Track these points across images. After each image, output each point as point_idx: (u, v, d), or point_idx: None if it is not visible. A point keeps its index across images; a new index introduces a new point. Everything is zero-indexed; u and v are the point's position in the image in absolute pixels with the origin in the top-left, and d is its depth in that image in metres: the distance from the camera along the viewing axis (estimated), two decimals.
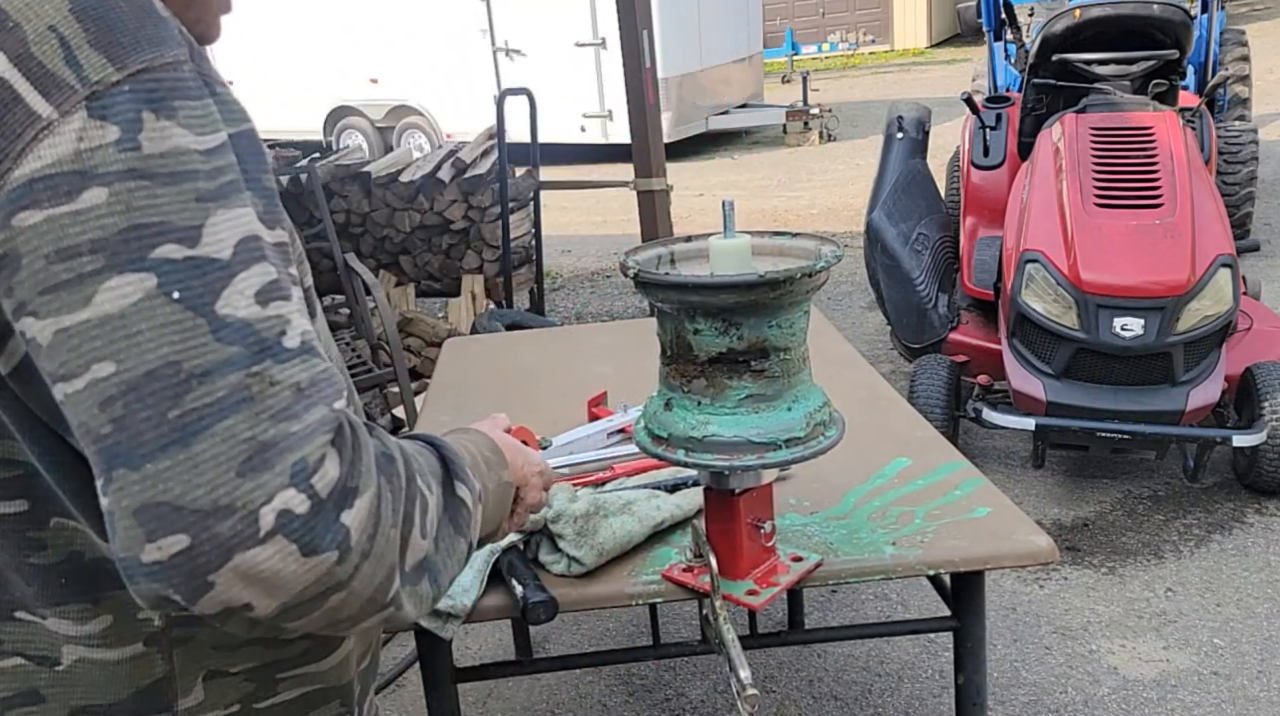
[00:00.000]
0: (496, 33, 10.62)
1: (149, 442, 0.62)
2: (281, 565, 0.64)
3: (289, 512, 0.63)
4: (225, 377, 0.63)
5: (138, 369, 0.62)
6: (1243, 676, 2.59)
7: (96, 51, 0.64)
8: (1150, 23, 3.83)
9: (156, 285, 0.62)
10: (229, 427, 0.63)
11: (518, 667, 1.74)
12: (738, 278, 1.20)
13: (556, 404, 2.14)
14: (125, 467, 0.62)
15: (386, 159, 5.80)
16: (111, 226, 0.62)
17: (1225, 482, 3.52)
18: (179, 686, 0.81)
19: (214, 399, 0.63)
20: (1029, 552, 1.50)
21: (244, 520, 0.62)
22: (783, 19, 18.56)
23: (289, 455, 0.64)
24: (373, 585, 0.69)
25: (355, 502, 0.67)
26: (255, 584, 0.64)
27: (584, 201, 8.91)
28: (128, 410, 0.62)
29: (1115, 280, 3.14)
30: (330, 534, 0.65)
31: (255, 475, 0.63)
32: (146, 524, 0.62)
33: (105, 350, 0.62)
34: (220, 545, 0.62)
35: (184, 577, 0.63)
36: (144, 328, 0.62)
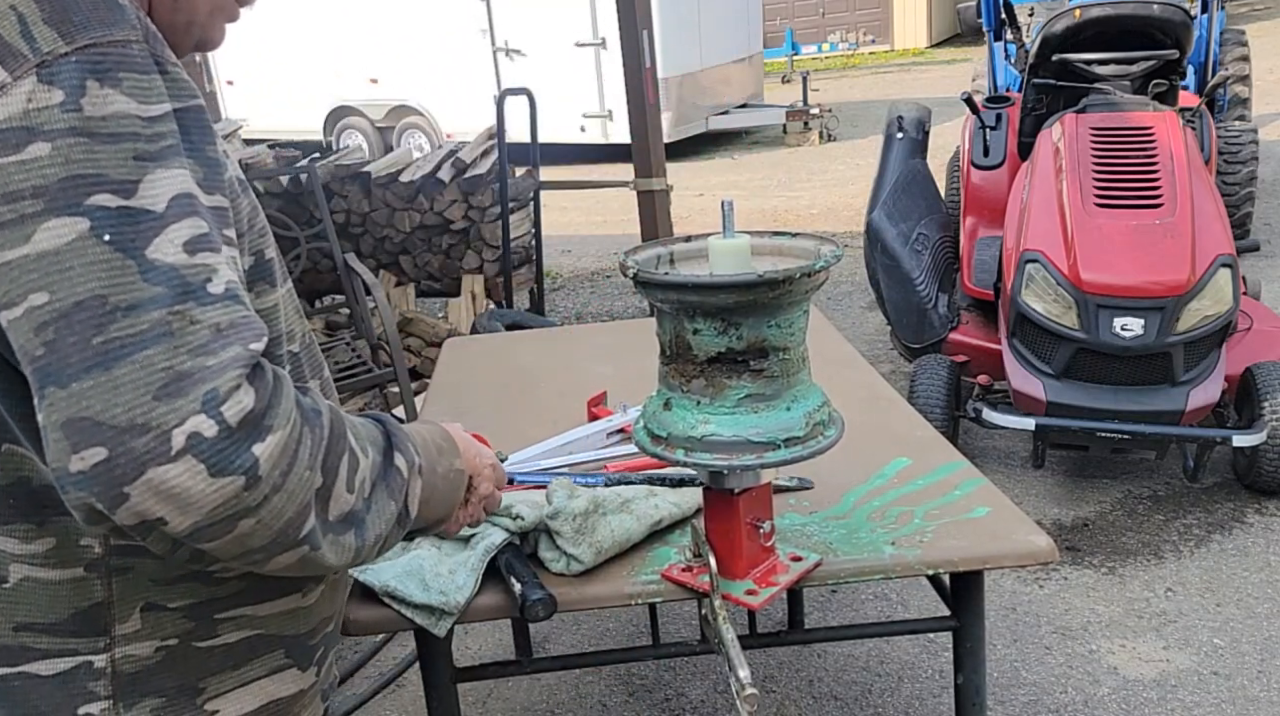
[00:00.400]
0: (496, 33, 10.62)
1: (75, 364, 0.70)
2: (190, 482, 0.71)
3: (198, 435, 0.71)
4: (149, 313, 0.71)
5: (68, 299, 0.70)
6: (1243, 676, 2.59)
7: (49, 27, 0.73)
8: (1150, 23, 3.83)
9: (89, 228, 0.71)
10: (149, 357, 0.71)
11: (518, 667, 1.74)
12: (737, 277, 1.20)
13: (556, 404, 2.14)
14: (54, 386, 0.70)
15: (386, 159, 5.80)
16: (52, 175, 0.71)
17: (1225, 482, 3.52)
18: (116, 613, 0.88)
19: (136, 331, 0.71)
20: (1029, 552, 1.50)
21: (157, 438, 0.70)
22: (783, 19, 18.56)
23: (202, 385, 0.72)
24: (282, 518, 0.76)
25: (268, 438, 0.74)
26: (167, 499, 0.71)
27: (584, 201, 8.91)
28: (58, 335, 0.70)
29: (1115, 280, 3.14)
30: (239, 459, 0.72)
31: (170, 400, 0.70)
32: (71, 437, 0.70)
33: (41, 282, 0.70)
34: (134, 459, 0.70)
35: (103, 487, 0.70)
36: (75, 264, 0.70)
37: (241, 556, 0.78)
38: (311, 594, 0.99)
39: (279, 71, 11.40)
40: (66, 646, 0.87)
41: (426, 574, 1.40)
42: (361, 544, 0.86)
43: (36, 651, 0.87)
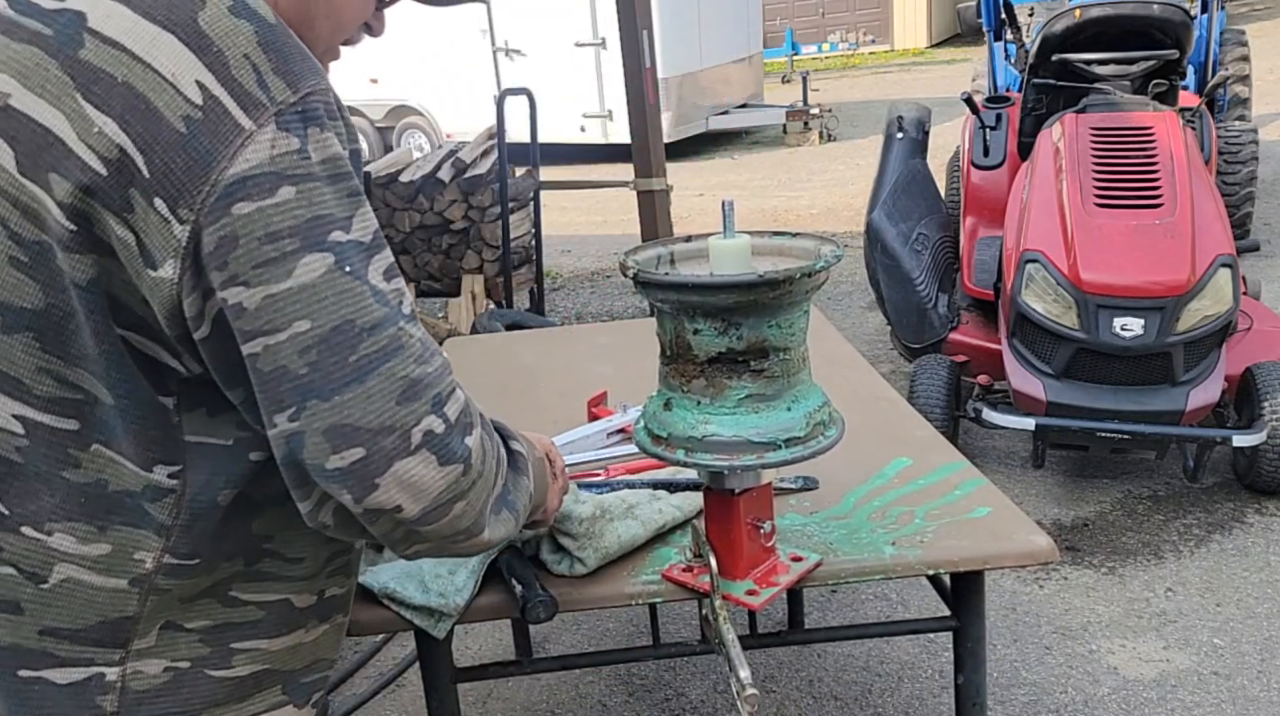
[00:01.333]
0: (496, 33, 10.62)
1: (337, 380, 0.81)
2: (425, 472, 0.84)
3: (431, 432, 0.84)
4: (386, 331, 0.83)
5: (326, 325, 0.80)
6: (1243, 676, 2.59)
7: (279, 77, 0.82)
8: (1150, 23, 3.83)
9: (335, 262, 0.81)
10: (390, 368, 0.82)
11: (518, 667, 1.74)
12: (737, 278, 1.20)
13: (556, 404, 2.14)
14: (317, 399, 0.81)
15: (386, 159, 5.80)
16: (301, 216, 0.80)
17: (1225, 482, 3.52)
18: (140, 628, 0.91)
19: (379, 347, 0.82)
20: (1029, 552, 1.50)
21: (401, 437, 0.82)
22: (783, 19, 18.55)
23: (430, 389, 0.85)
24: (481, 499, 0.90)
25: (474, 432, 0.89)
26: (406, 487, 0.83)
27: (584, 201, 8.91)
28: (320, 356, 0.80)
29: (1115, 280, 3.14)
30: (459, 450, 0.86)
31: (409, 403, 0.83)
32: (333, 440, 0.81)
33: (304, 311, 0.80)
34: (385, 455, 0.82)
35: (358, 480, 0.82)
36: (328, 294, 0.81)
37: (447, 542, 0.90)
38: (314, 631, 1.03)
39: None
40: (83, 655, 0.89)
41: (426, 575, 1.39)
42: (515, 518, 1.00)
43: (55, 658, 0.89)
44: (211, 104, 0.79)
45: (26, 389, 0.85)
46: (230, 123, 0.79)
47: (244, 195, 0.79)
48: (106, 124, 0.78)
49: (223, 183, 0.78)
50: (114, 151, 0.78)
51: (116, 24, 0.79)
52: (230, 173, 0.78)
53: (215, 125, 0.78)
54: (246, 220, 0.79)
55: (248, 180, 0.79)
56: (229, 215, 0.78)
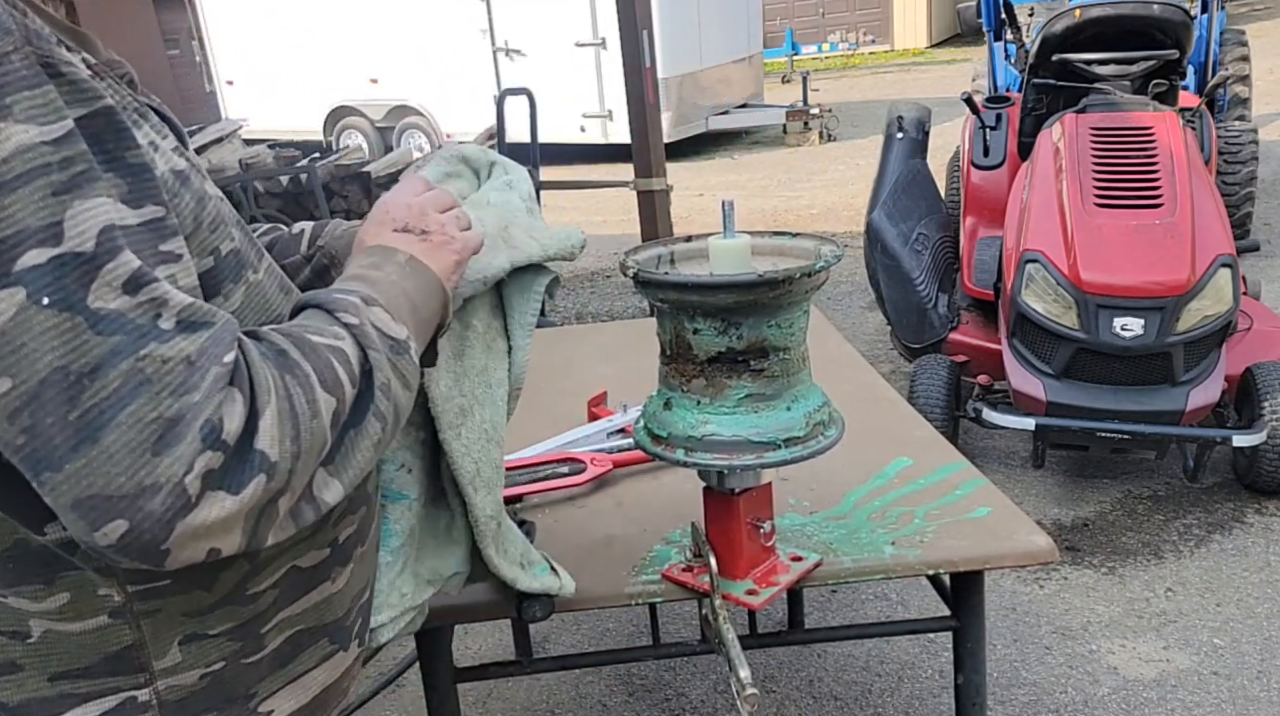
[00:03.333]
0: (496, 33, 10.62)
1: (61, 446, 0.65)
2: (222, 511, 0.70)
3: (210, 471, 0.69)
4: (116, 367, 0.66)
5: (31, 380, 0.65)
6: (1243, 676, 2.59)
7: None
8: (1150, 23, 3.83)
9: (26, 297, 0.64)
10: (133, 413, 0.66)
11: (518, 667, 1.74)
12: (737, 277, 1.20)
13: (556, 404, 2.14)
14: (49, 471, 0.66)
15: (386, 159, 5.80)
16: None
17: (1225, 482, 3.52)
18: (151, 651, 0.85)
19: (110, 391, 0.66)
20: (1029, 552, 1.50)
21: (172, 493, 0.67)
22: (783, 19, 18.55)
23: (195, 422, 0.68)
24: (309, 472, 0.76)
25: (260, 425, 0.71)
26: (206, 535, 0.70)
27: (584, 201, 8.91)
28: (34, 419, 0.65)
29: (1115, 280, 3.14)
30: (250, 466, 0.71)
31: (170, 449, 0.67)
32: (86, 516, 0.67)
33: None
34: (158, 520, 0.67)
35: (139, 552, 0.68)
36: (25, 340, 0.64)
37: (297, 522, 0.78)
38: (340, 577, 0.97)
39: (279, 71, 11.40)
40: (107, 686, 0.84)
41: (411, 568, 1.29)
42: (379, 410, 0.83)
43: (77, 696, 0.84)
44: None
45: None
46: None
47: None
48: None
49: None
50: None
51: None
52: None
53: None
54: None
55: None
56: None
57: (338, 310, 0.86)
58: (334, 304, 0.87)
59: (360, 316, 0.86)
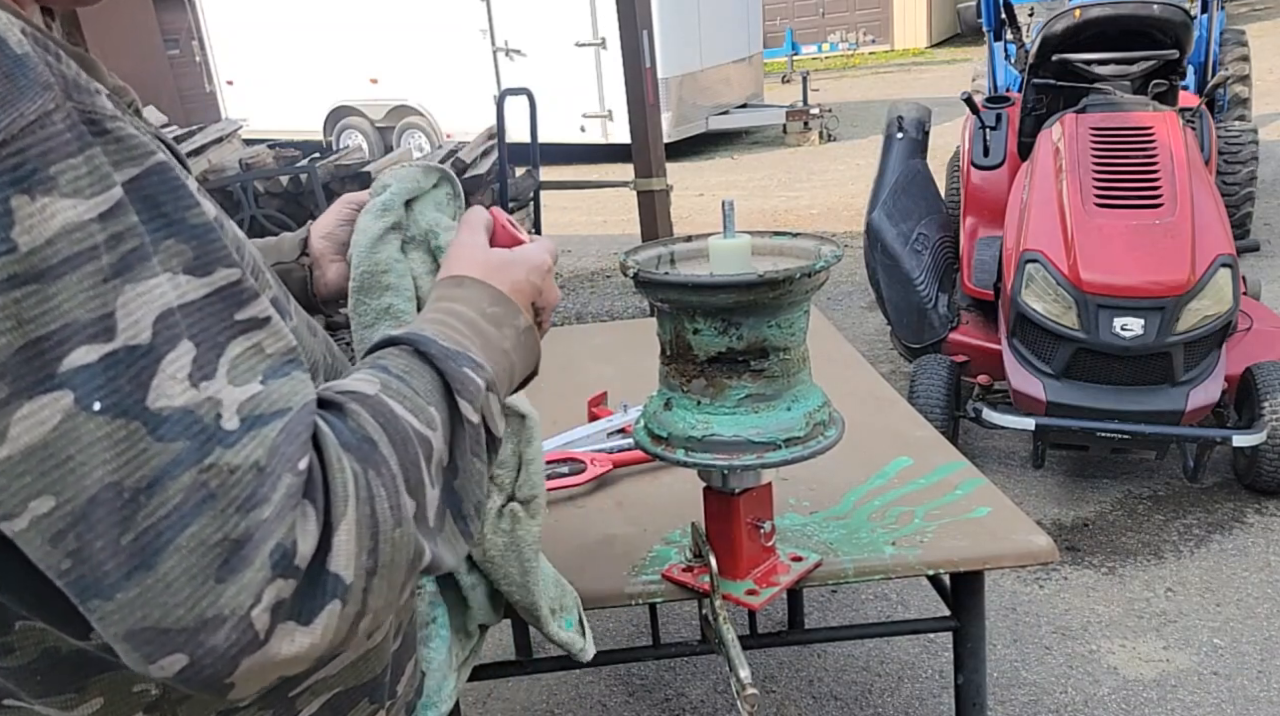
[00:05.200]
0: (496, 33, 10.62)
1: (111, 573, 0.57)
2: (292, 646, 0.61)
3: (280, 602, 0.60)
4: (177, 481, 0.57)
5: (79, 498, 0.56)
6: (1243, 676, 2.59)
7: None
8: (1150, 23, 3.83)
9: (74, 401, 0.56)
10: (194, 535, 0.57)
11: (518, 667, 1.74)
12: (737, 278, 1.20)
13: (556, 404, 2.14)
14: (98, 599, 0.57)
15: (386, 159, 5.80)
16: (5, 348, 0.54)
17: (1225, 482, 3.52)
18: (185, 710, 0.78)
19: (170, 508, 0.57)
20: (1029, 552, 1.50)
21: (237, 627, 0.58)
22: (783, 19, 18.56)
23: (265, 545, 0.59)
24: (394, 588, 0.67)
25: (334, 542, 0.62)
26: (275, 668, 0.61)
27: (584, 201, 8.91)
28: (81, 542, 0.56)
29: (1115, 280, 3.14)
30: (322, 593, 0.62)
31: (236, 576, 0.58)
32: (140, 648, 0.58)
33: (38, 485, 0.55)
34: (221, 656, 0.59)
35: (201, 685, 0.60)
36: (72, 451, 0.56)
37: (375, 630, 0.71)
38: (376, 635, 0.88)
39: (279, 71, 11.41)
40: None
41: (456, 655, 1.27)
42: (465, 526, 0.76)
43: None
44: None
45: None
46: None
47: None
48: None
49: None
50: None
51: None
52: None
53: None
54: None
55: None
56: None
57: (460, 391, 0.76)
58: (458, 380, 0.77)
59: (476, 410, 0.77)
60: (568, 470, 1.76)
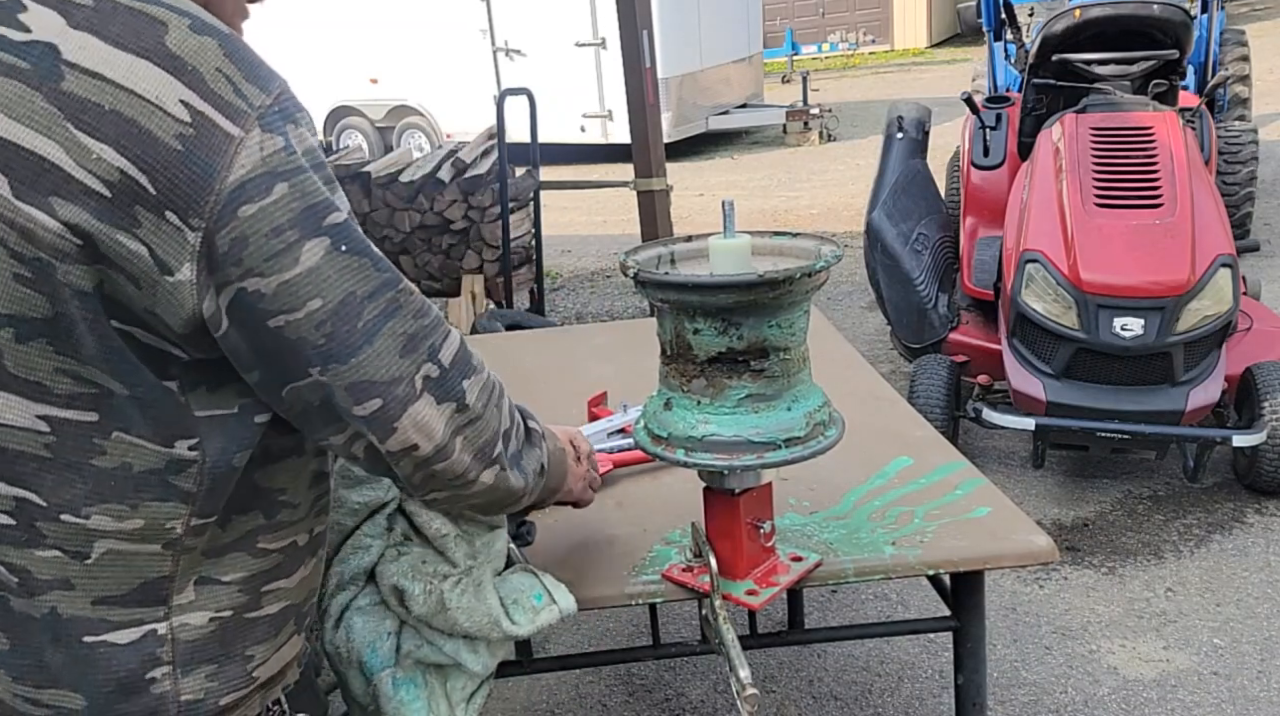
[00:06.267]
0: (496, 33, 10.62)
1: (350, 346, 0.93)
2: (429, 411, 0.98)
3: (429, 377, 0.98)
4: (385, 294, 0.95)
5: (334, 299, 0.92)
6: (1243, 676, 2.59)
7: (251, 84, 0.90)
8: (1150, 23, 3.83)
9: (330, 243, 0.92)
10: (392, 327, 0.95)
11: (518, 667, 1.74)
12: (737, 277, 1.20)
13: (556, 404, 2.14)
14: (336, 363, 0.93)
15: (386, 159, 5.80)
16: (296, 209, 0.90)
17: (1225, 482, 3.52)
18: (176, 585, 1.00)
19: (380, 311, 0.95)
20: (1029, 552, 1.50)
21: (408, 385, 0.96)
22: (783, 19, 18.55)
23: (426, 340, 0.98)
24: (483, 438, 1.04)
25: (471, 376, 1.03)
26: (419, 428, 0.98)
27: (584, 201, 8.91)
28: (334, 327, 0.92)
29: (1115, 280, 3.14)
30: (454, 390, 1.00)
31: (410, 355, 0.97)
32: (355, 394, 0.94)
33: (314, 291, 0.91)
34: (399, 401, 0.96)
35: (380, 425, 0.96)
36: (331, 273, 0.91)
37: (458, 479, 1.04)
38: (309, 564, 1.13)
39: (279, 71, 11.40)
40: (134, 616, 0.99)
41: None
42: (524, 481, 1.13)
43: (111, 623, 0.98)
44: (199, 119, 0.86)
45: (47, 390, 0.92)
46: (220, 134, 0.87)
47: (245, 198, 0.87)
48: (104, 150, 0.85)
49: (226, 190, 0.87)
50: (115, 174, 0.85)
51: (92, 55, 0.85)
52: (230, 179, 0.87)
53: (208, 138, 0.86)
54: (252, 220, 0.88)
55: (247, 184, 0.87)
56: (236, 218, 0.87)
57: (528, 415, 1.20)
58: (526, 410, 1.21)
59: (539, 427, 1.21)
60: None
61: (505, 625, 1.31)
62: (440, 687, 1.34)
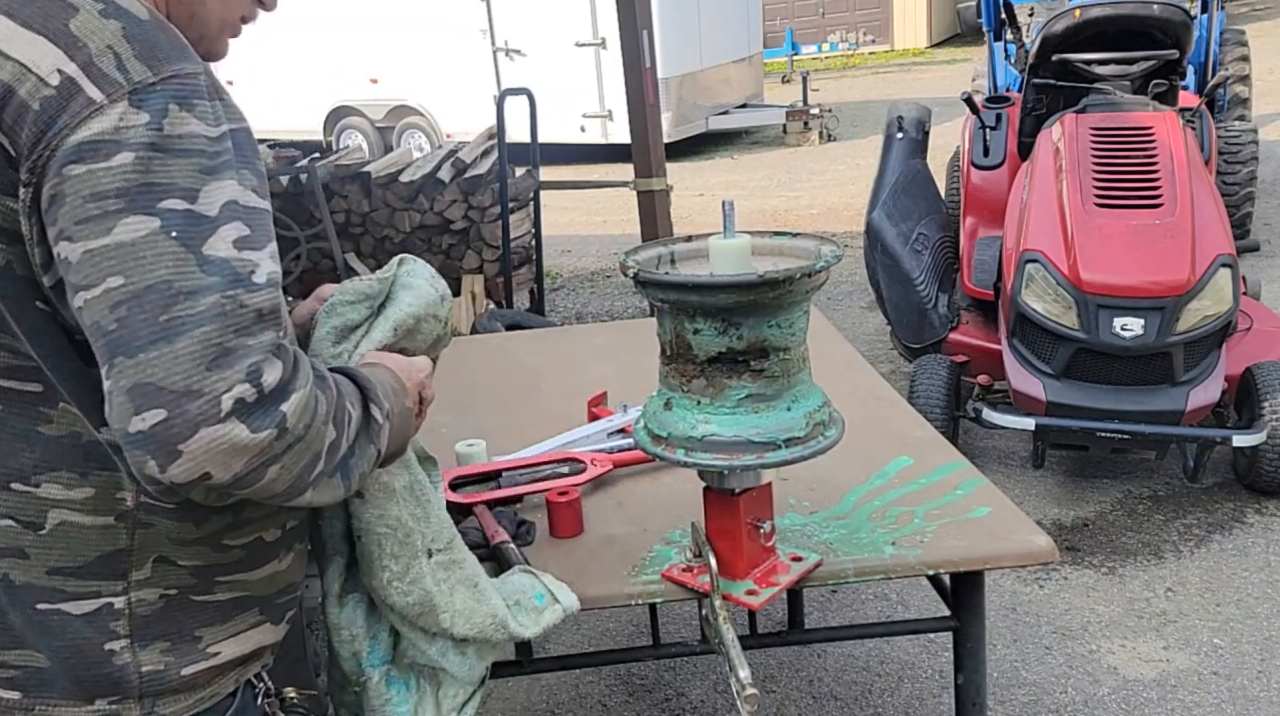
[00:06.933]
0: (496, 33, 10.61)
1: (143, 337, 0.83)
2: (236, 438, 0.85)
3: (242, 401, 0.85)
4: (207, 297, 0.85)
5: (140, 283, 0.84)
6: (1243, 676, 2.59)
7: (139, 62, 0.88)
8: (1150, 23, 3.83)
9: (160, 226, 0.85)
10: (205, 333, 0.84)
11: (518, 667, 1.74)
12: (737, 278, 1.20)
13: (556, 404, 2.14)
14: (123, 355, 0.83)
15: (386, 159, 5.80)
16: (133, 180, 0.85)
17: (1225, 482, 3.52)
18: (134, 560, 1.00)
19: (196, 312, 0.84)
20: (1029, 552, 1.50)
21: (209, 402, 0.84)
22: (783, 19, 18.55)
23: (246, 359, 0.86)
24: (300, 463, 0.92)
25: (291, 397, 0.89)
26: (214, 455, 0.85)
27: (584, 201, 8.91)
28: (129, 312, 0.83)
29: (1115, 280, 3.14)
30: (270, 417, 0.87)
31: (220, 371, 0.84)
32: (135, 399, 0.83)
33: (117, 267, 0.84)
34: (189, 421, 0.83)
35: (159, 445, 0.84)
36: (147, 254, 0.84)
37: (268, 499, 0.93)
38: (285, 559, 1.13)
39: (279, 71, 11.39)
40: (90, 588, 0.99)
41: None
42: (347, 486, 1.02)
43: (66, 594, 0.99)
44: (66, 84, 0.86)
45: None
46: (82, 98, 0.86)
47: (78, 158, 0.85)
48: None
49: (62, 146, 0.85)
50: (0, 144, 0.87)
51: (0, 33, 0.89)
52: (72, 139, 0.85)
53: (65, 100, 0.86)
54: (76, 180, 0.85)
55: (85, 144, 0.85)
56: (59, 175, 0.85)
57: (372, 400, 1.05)
58: (373, 395, 1.06)
59: (384, 420, 1.06)
60: (568, 470, 1.76)
61: (512, 626, 1.31)
62: (432, 694, 1.34)
